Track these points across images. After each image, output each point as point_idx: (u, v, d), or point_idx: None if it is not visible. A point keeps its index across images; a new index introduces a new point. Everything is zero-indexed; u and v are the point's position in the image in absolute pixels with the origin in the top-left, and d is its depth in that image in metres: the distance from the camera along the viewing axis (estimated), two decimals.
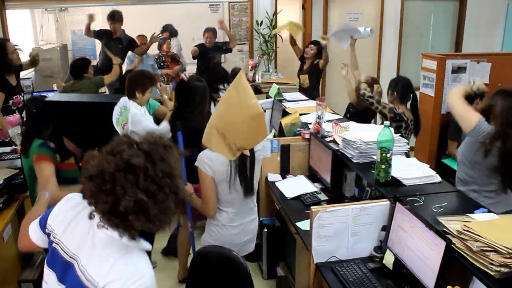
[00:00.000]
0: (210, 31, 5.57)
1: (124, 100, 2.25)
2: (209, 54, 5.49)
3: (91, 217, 1.26)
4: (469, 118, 2.52)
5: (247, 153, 2.28)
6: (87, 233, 1.28)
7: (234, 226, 2.41)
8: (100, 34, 5.34)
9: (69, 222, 1.34)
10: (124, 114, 2.22)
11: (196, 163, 2.31)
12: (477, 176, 2.54)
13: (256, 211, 2.55)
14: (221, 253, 2.09)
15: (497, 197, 2.53)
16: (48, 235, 1.38)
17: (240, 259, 1.99)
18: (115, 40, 5.18)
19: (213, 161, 2.27)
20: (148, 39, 5.28)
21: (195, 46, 5.57)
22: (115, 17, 5.14)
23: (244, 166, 2.32)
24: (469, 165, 2.57)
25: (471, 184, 2.57)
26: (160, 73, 5.79)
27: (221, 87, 4.37)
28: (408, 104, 3.55)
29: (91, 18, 5.15)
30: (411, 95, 3.53)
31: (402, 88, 3.50)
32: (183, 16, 6.19)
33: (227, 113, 2.22)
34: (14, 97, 3.64)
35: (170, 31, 5.99)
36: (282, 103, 4.19)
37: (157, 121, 4.20)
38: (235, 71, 5.39)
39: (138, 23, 5.93)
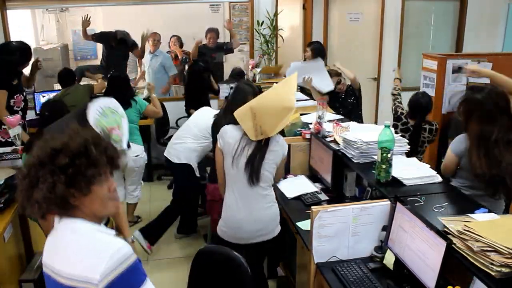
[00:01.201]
0: (213, 32, 5.57)
1: (110, 102, 2.23)
2: (212, 54, 5.49)
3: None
4: (448, 158, 2.68)
5: (262, 141, 2.42)
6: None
7: (240, 209, 2.45)
8: (100, 38, 5.34)
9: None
10: (112, 117, 2.20)
11: (217, 137, 2.52)
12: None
13: (273, 200, 2.54)
14: (222, 252, 2.08)
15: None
16: None
17: (241, 260, 1.99)
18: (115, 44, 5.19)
19: (227, 132, 2.47)
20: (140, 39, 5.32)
21: (199, 46, 5.57)
22: None
23: (254, 153, 2.41)
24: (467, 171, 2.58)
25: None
26: (176, 73, 5.77)
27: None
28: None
29: (85, 23, 5.15)
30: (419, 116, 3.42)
31: (411, 104, 3.47)
32: (183, 16, 6.19)
33: (266, 97, 2.46)
34: (15, 96, 3.64)
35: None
36: None
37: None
38: (236, 71, 5.41)
39: (138, 23, 5.92)
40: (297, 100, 4.35)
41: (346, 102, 4.40)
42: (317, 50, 4.84)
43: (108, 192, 1.34)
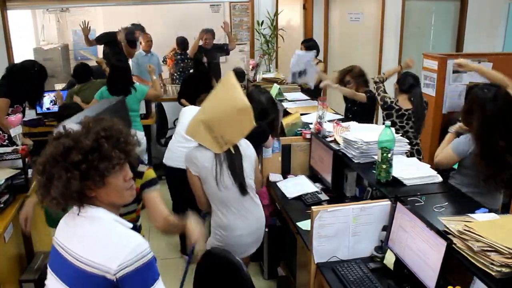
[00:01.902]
0: (209, 33, 5.51)
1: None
2: (207, 55, 5.48)
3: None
4: (447, 156, 2.61)
5: (232, 150, 2.32)
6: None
7: (237, 228, 2.41)
8: (102, 40, 5.33)
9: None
10: None
11: (185, 164, 2.35)
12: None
13: (260, 210, 2.53)
14: (223, 256, 2.07)
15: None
16: None
17: (242, 265, 1.98)
18: (116, 45, 5.19)
19: (198, 158, 2.32)
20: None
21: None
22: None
23: (233, 163, 2.33)
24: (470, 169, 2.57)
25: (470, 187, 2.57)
26: (161, 72, 5.79)
27: None
28: (406, 96, 3.54)
29: (86, 30, 5.16)
30: (412, 88, 3.51)
31: (402, 79, 3.61)
32: (183, 16, 6.19)
33: (215, 106, 2.29)
34: (15, 106, 3.63)
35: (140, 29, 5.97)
36: (283, 103, 4.19)
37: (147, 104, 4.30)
38: (236, 71, 5.41)
39: (138, 23, 5.92)
40: (297, 100, 4.39)
41: (351, 108, 4.28)
42: (311, 48, 4.89)
43: (124, 182, 1.38)
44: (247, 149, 2.43)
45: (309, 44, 5.02)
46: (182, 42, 5.90)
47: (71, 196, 1.30)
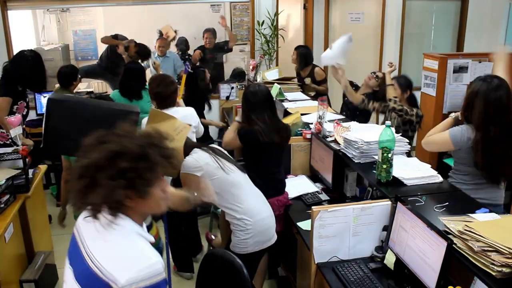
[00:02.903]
0: (210, 32, 5.53)
1: None
2: (209, 55, 5.48)
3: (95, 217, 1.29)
4: (442, 139, 2.51)
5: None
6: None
7: (260, 210, 2.42)
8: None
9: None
10: None
11: (185, 171, 2.33)
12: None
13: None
14: (225, 258, 2.06)
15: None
16: None
17: (243, 267, 1.96)
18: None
19: (199, 161, 2.33)
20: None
21: (197, 49, 5.54)
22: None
23: (221, 153, 2.44)
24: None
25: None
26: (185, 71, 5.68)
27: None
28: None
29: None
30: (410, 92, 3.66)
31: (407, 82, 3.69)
32: (184, 16, 6.19)
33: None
34: (19, 103, 3.65)
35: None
36: (284, 103, 4.19)
37: None
38: (237, 71, 5.41)
39: (139, 23, 5.93)
40: (297, 100, 4.39)
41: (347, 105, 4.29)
42: (303, 56, 4.86)
43: (161, 193, 1.34)
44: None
45: (301, 51, 4.93)
46: (182, 43, 5.90)
47: (110, 204, 1.25)
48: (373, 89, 4.11)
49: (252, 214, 2.37)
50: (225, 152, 2.51)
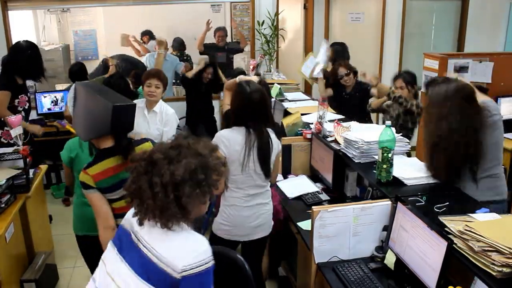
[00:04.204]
0: (221, 30, 5.56)
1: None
2: (219, 53, 5.48)
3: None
4: None
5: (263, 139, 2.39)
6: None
7: (246, 208, 2.43)
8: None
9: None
10: None
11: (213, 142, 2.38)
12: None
13: (270, 196, 2.55)
14: (225, 254, 2.06)
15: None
16: None
17: (245, 264, 1.97)
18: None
19: (230, 140, 2.37)
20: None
21: (208, 46, 5.53)
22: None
23: (262, 151, 2.38)
24: None
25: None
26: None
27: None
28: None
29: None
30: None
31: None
32: (184, 16, 6.19)
33: None
34: (19, 96, 3.67)
35: (148, 35, 5.93)
36: (284, 103, 4.19)
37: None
38: (237, 71, 5.40)
39: (139, 23, 5.94)
40: (297, 100, 4.39)
41: (349, 104, 4.32)
42: (336, 51, 4.83)
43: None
44: (276, 143, 2.49)
45: (336, 48, 4.91)
46: (178, 44, 5.90)
47: (183, 214, 1.40)
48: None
49: (235, 208, 2.44)
50: (272, 142, 2.45)
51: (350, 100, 4.32)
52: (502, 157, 2.58)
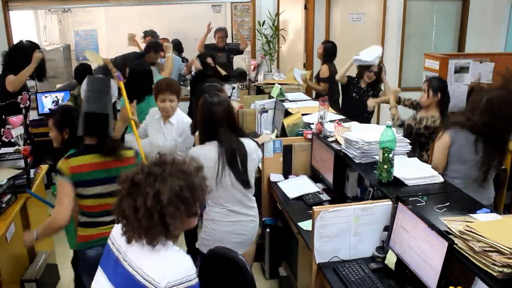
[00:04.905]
0: (222, 31, 5.55)
1: None
2: (219, 53, 5.48)
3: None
4: (439, 158, 2.69)
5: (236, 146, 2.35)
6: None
7: (227, 223, 2.40)
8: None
9: None
10: None
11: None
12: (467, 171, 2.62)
13: (256, 211, 2.52)
14: (228, 255, 2.06)
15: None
16: None
17: (246, 264, 1.96)
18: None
19: (200, 157, 2.25)
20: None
21: (208, 47, 5.53)
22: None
23: (233, 159, 2.33)
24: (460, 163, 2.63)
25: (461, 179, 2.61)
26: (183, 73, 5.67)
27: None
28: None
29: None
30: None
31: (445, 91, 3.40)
32: (185, 17, 6.20)
33: None
34: (22, 93, 3.71)
35: (151, 35, 5.93)
36: (285, 103, 4.19)
37: None
38: (238, 72, 5.40)
39: (140, 23, 5.94)
40: (298, 100, 4.39)
41: (359, 99, 4.38)
42: (327, 49, 4.93)
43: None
44: (252, 152, 2.43)
45: (327, 46, 5.02)
46: (176, 45, 5.90)
47: (168, 233, 1.40)
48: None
49: (216, 223, 2.41)
50: (247, 152, 2.39)
51: (363, 95, 4.37)
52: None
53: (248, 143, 2.42)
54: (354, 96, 4.42)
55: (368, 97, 4.28)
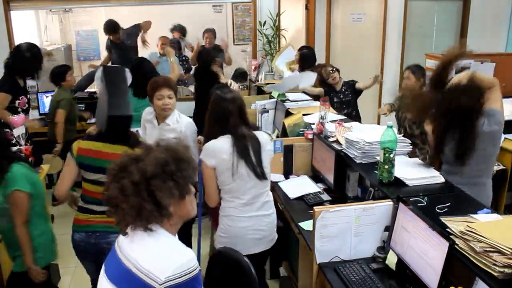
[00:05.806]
0: (210, 32, 5.55)
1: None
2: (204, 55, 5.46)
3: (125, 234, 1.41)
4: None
5: (250, 139, 2.37)
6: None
7: (241, 219, 2.38)
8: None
9: None
10: None
11: (201, 156, 2.39)
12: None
13: (272, 207, 2.50)
14: (232, 256, 2.05)
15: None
16: None
17: (251, 266, 1.95)
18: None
19: (215, 150, 2.33)
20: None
21: (201, 46, 5.55)
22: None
23: (246, 149, 2.34)
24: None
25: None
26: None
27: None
28: None
29: None
30: None
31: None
32: (186, 17, 6.20)
33: None
34: (20, 98, 3.70)
35: (179, 30, 5.97)
36: (285, 103, 4.20)
37: None
38: (238, 72, 5.41)
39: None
40: (299, 101, 4.39)
41: (342, 100, 4.45)
42: (304, 56, 4.80)
43: (192, 192, 1.47)
44: (266, 143, 2.45)
45: (304, 52, 4.87)
46: (174, 44, 5.91)
47: (159, 211, 1.35)
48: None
49: (232, 219, 2.40)
50: (261, 143, 2.40)
51: (342, 96, 4.43)
52: (490, 170, 2.63)
53: (261, 135, 2.45)
54: (337, 102, 4.42)
55: (349, 94, 4.40)
